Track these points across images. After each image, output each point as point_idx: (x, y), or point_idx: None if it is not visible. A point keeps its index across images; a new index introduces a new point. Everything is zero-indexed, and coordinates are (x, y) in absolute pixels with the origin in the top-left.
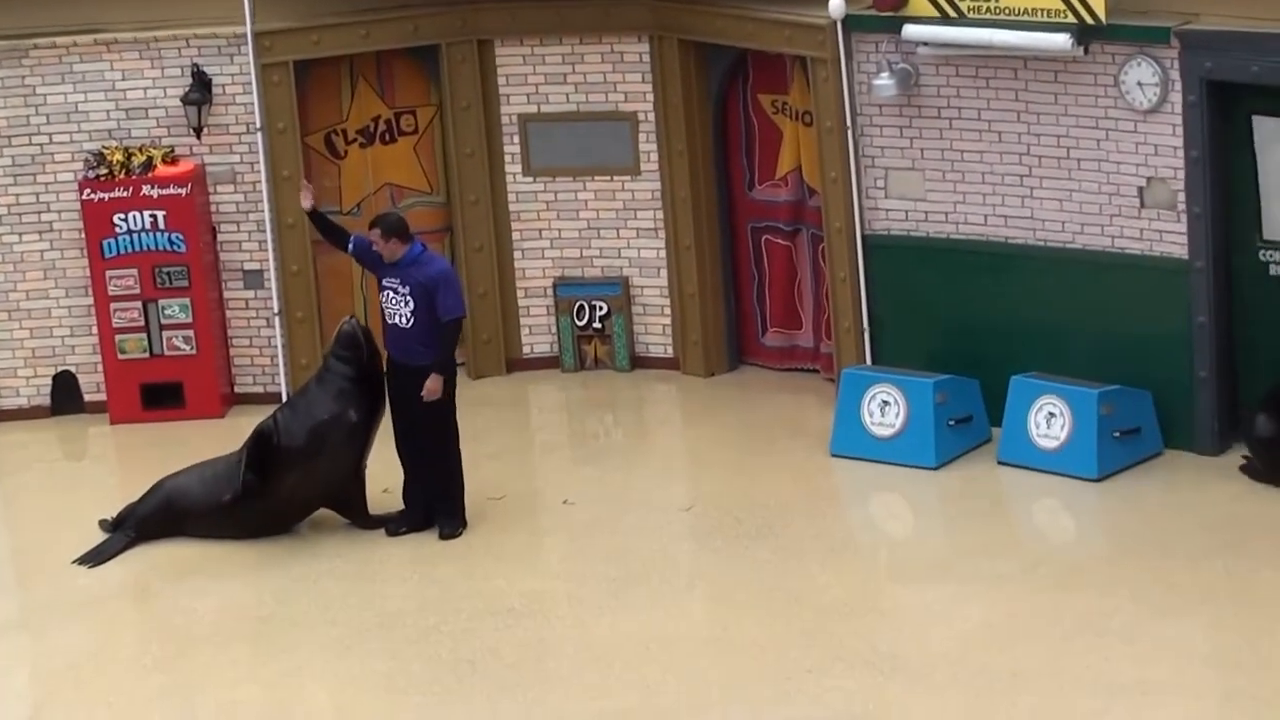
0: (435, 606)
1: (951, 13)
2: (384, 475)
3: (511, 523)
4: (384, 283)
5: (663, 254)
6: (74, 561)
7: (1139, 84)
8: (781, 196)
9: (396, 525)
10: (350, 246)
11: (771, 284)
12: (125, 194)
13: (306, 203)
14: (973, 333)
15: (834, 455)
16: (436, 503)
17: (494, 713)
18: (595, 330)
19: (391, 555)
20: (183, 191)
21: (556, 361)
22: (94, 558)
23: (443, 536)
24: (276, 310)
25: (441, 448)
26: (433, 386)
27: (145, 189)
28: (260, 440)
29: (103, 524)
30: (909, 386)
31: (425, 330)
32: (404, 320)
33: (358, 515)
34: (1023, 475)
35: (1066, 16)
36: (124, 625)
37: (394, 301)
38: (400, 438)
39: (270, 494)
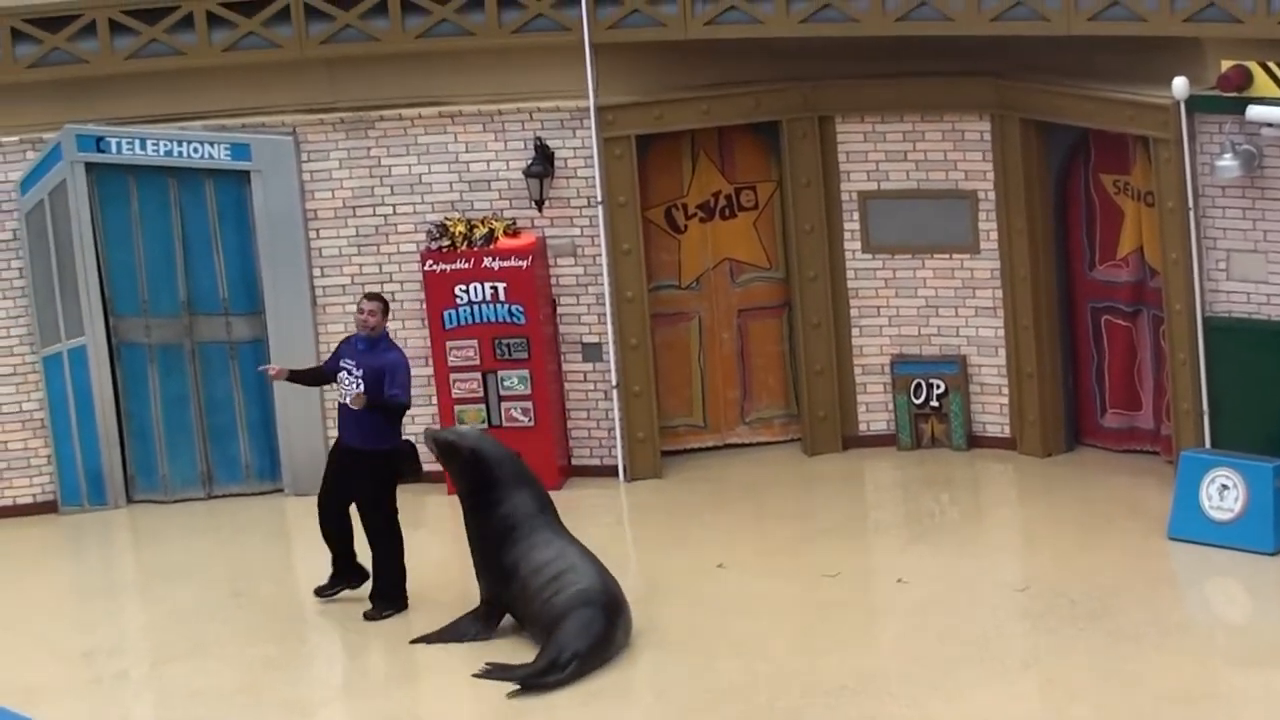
0: (767, 683)
1: None
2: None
3: (844, 600)
4: (342, 364)
5: (1001, 333)
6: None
7: None
8: (1122, 277)
9: (331, 585)
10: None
11: (1111, 365)
12: (467, 265)
13: (280, 377)
14: None
15: (1172, 538)
16: (375, 581)
17: None
18: (932, 408)
19: (723, 629)
20: (523, 264)
21: (893, 439)
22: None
23: (368, 617)
24: (614, 383)
25: (379, 527)
26: (359, 398)
27: (487, 261)
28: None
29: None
30: (1249, 470)
31: (365, 412)
32: (349, 401)
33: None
34: None
35: None
36: (459, 694)
37: (346, 382)
38: (334, 513)
39: None
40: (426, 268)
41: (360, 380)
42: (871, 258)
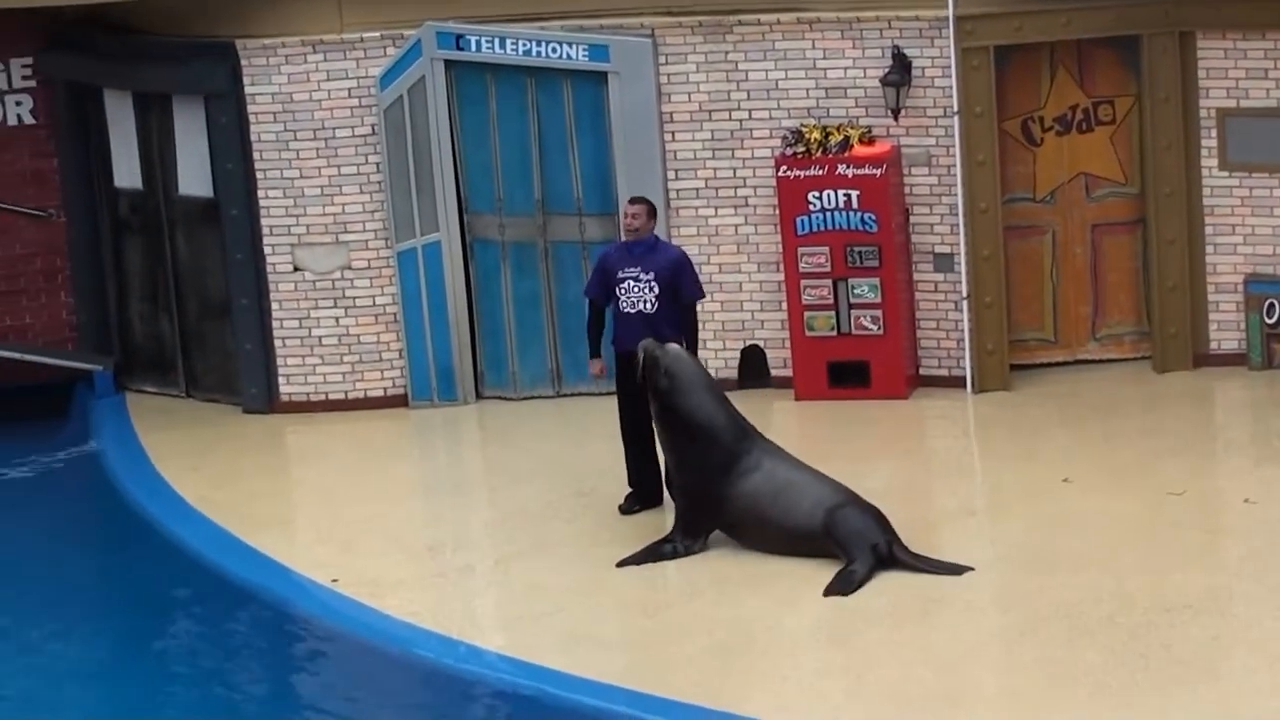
0: (1111, 598)
1: None
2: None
3: (1189, 518)
4: (621, 275)
5: None
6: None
7: None
8: None
9: (629, 505)
10: (598, 300)
11: None
12: (820, 172)
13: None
14: None
15: None
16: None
17: (1164, 708)
18: None
19: (1067, 544)
20: (878, 172)
21: (1244, 358)
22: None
23: None
24: (965, 294)
25: None
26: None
27: (840, 168)
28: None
29: None
30: None
31: (669, 313)
32: (649, 306)
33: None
34: None
35: None
36: (801, 602)
37: (635, 290)
38: (637, 423)
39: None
40: (780, 173)
41: (654, 282)
42: (1228, 175)
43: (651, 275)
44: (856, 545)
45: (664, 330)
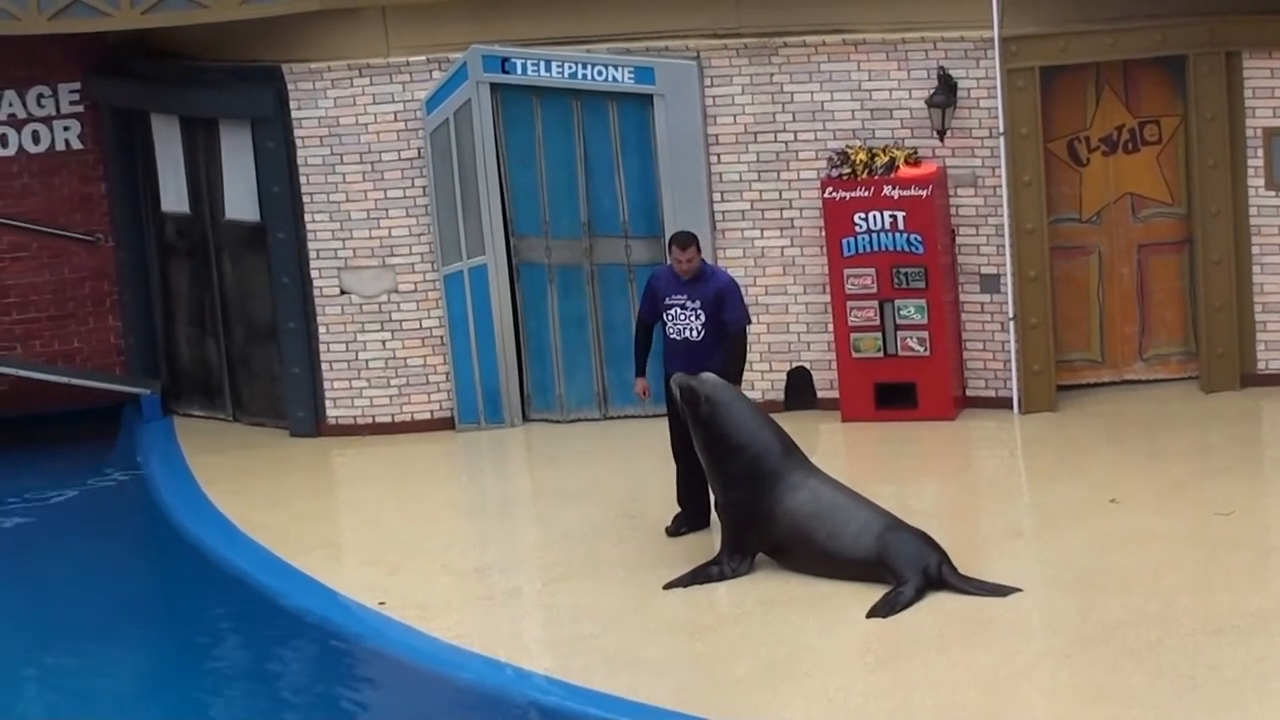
0: (1158, 620)
1: None
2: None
3: (1238, 539)
4: (668, 301)
5: None
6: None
7: None
8: None
9: (676, 527)
10: (645, 319)
11: None
12: (866, 194)
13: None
14: None
15: None
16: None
17: None
18: None
19: (1114, 565)
20: (923, 193)
21: None
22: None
23: None
24: (1011, 315)
25: None
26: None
27: (886, 189)
28: None
29: None
30: None
31: (715, 341)
32: (695, 334)
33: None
34: None
35: None
36: (848, 624)
37: (682, 318)
38: (688, 442)
39: None
40: (826, 195)
41: (700, 310)
42: (1275, 195)
43: (698, 304)
44: (909, 567)
45: (707, 358)
